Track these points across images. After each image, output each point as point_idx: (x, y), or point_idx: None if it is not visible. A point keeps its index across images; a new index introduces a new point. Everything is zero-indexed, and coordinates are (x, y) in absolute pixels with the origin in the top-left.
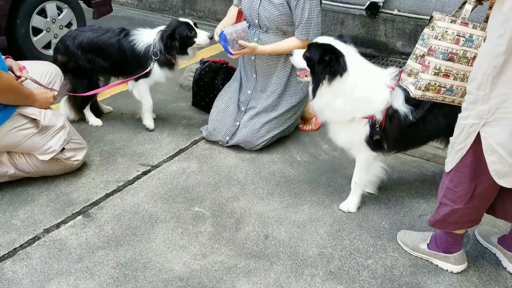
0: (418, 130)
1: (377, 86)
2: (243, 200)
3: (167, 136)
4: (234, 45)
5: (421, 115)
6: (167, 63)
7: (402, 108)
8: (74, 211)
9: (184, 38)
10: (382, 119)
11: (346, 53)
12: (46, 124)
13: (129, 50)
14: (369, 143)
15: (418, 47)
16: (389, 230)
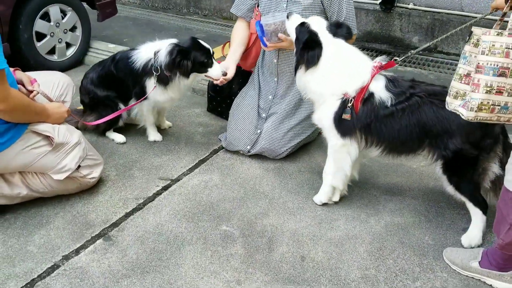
0: (393, 123)
1: (357, 70)
2: (273, 216)
3: (185, 146)
4: (271, 37)
5: (402, 106)
6: (163, 80)
7: (381, 93)
8: (93, 234)
9: (198, 64)
10: (356, 99)
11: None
12: (60, 141)
13: (127, 69)
14: (337, 124)
15: (460, 67)
16: (434, 246)
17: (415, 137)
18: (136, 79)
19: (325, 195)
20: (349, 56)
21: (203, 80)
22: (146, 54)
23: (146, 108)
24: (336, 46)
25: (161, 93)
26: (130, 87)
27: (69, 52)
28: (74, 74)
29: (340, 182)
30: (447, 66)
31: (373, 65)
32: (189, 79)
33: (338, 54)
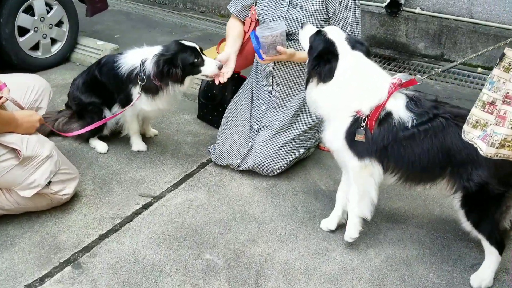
0: (414, 146)
1: (373, 85)
2: (262, 244)
3: (171, 157)
4: (268, 50)
5: (424, 128)
6: (151, 89)
7: (400, 113)
8: (62, 259)
9: (188, 67)
10: (370, 118)
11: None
12: (28, 154)
13: (111, 75)
14: (350, 144)
15: (485, 93)
16: (439, 285)
17: (437, 164)
18: (120, 85)
19: (355, 229)
20: (367, 70)
21: (195, 83)
22: (132, 61)
23: (130, 114)
24: (354, 59)
25: (148, 103)
26: (114, 93)
27: (54, 48)
28: (59, 72)
29: (367, 210)
30: (454, 76)
31: (392, 82)
32: (185, 84)
33: (355, 67)
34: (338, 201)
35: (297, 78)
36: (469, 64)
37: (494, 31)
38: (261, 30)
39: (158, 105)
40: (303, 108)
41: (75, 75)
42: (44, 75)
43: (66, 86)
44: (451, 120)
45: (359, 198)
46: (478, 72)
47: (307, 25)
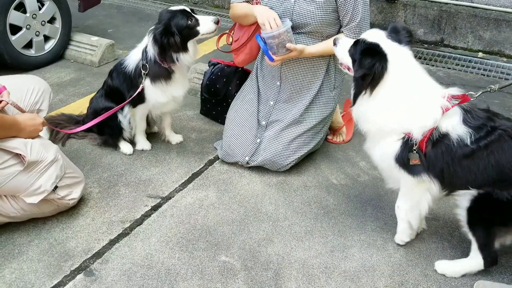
0: (472, 164)
1: (425, 102)
2: (278, 243)
3: (176, 155)
4: (278, 50)
5: (485, 143)
6: (162, 74)
7: (458, 130)
8: (72, 267)
9: (185, 30)
10: (422, 141)
11: (395, 58)
12: (33, 159)
13: (121, 77)
14: (403, 165)
15: None
16: (461, 279)
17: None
18: (130, 83)
19: (405, 234)
20: (419, 79)
21: (195, 78)
22: (136, 56)
23: (141, 112)
24: (405, 61)
25: (161, 92)
26: (126, 93)
27: (48, 46)
28: (54, 70)
29: (415, 220)
30: (455, 62)
31: (443, 99)
32: (190, 51)
33: (407, 73)
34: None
35: (306, 72)
36: (470, 49)
37: (495, 15)
38: (266, 32)
39: (172, 93)
40: (313, 102)
41: (70, 73)
42: (38, 73)
43: (62, 84)
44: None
45: (409, 209)
46: (479, 57)
47: (340, 40)
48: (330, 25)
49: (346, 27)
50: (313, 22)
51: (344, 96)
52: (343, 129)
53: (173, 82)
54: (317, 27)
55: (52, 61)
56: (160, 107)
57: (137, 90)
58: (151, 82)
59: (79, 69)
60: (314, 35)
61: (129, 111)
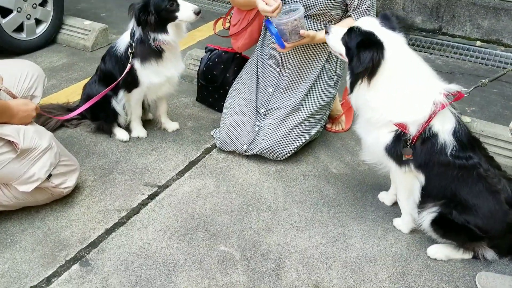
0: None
1: (423, 96)
2: (277, 233)
3: (173, 143)
4: (291, 37)
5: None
6: (151, 53)
7: (445, 137)
8: (68, 257)
9: (163, 12)
10: (415, 136)
11: (390, 45)
12: (26, 146)
13: (113, 60)
14: (390, 154)
15: None
16: (463, 270)
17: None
18: (122, 65)
19: (408, 225)
20: (416, 69)
21: (191, 64)
22: (127, 38)
23: (136, 97)
24: (401, 49)
25: (153, 73)
26: (118, 77)
27: (39, 29)
28: (46, 55)
29: (414, 210)
30: (453, 50)
31: (439, 95)
32: (170, 33)
33: (405, 62)
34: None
35: (308, 58)
36: (468, 37)
37: (494, 3)
38: (279, 17)
39: (165, 72)
40: (312, 89)
41: (62, 57)
42: (29, 58)
43: (54, 69)
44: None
45: (407, 196)
46: (477, 45)
47: (332, 29)
48: (336, 8)
49: (355, 10)
50: (318, 4)
51: (343, 84)
52: (342, 117)
53: (164, 62)
54: (323, 10)
55: (43, 45)
56: (155, 90)
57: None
58: (141, 63)
59: (72, 53)
60: (319, 18)
61: (124, 96)
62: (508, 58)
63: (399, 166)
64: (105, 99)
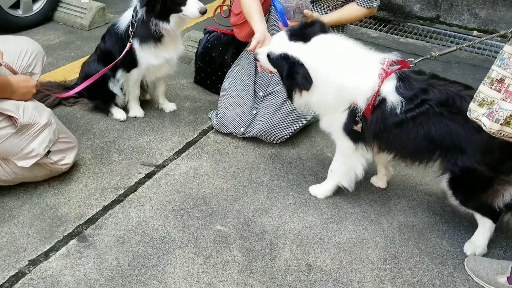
0: (402, 134)
1: (363, 72)
2: (273, 214)
3: (170, 124)
4: (294, 16)
5: (412, 115)
6: (150, 36)
7: (391, 97)
8: (65, 232)
9: (168, 2)
10: (367, 108)
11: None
12: (26, 122)
13: (113, 39)
14: (348, 132)
15: (494, 69)
16: (453, 253)
17: (424, 149)
18: (122, 44)
19: (327, 192)
20: (347, 57)
21: (189, 46)
22: (128, 16)
23: (135, 78)
24: (324, 50)
25: (153, 55)
26: (117, 55)
27: (36, 6)
28: (42, 32)
29: (347, 183)
30: (450, 39)
31: (382, 64)
32: (170, 23)
33: (333, 59)
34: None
35: None
36: (465, 27)
37: None
38: None
39: (164, 55)
40: None
41: (59, 36)
42: (26, 35)
43: (51, 47)
44: (436, 108)
45: (344, 172)
46: (473, 35)
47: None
48: None
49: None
50: None
51: None
52: None
53: (164, 44)
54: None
55: (40, 22)
56: (154, 71)
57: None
58: (140, 44)
59: (69, 32)
60: (324, 3)
61: (122, 75)
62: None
63: (353, 143)
64: (103, 79)
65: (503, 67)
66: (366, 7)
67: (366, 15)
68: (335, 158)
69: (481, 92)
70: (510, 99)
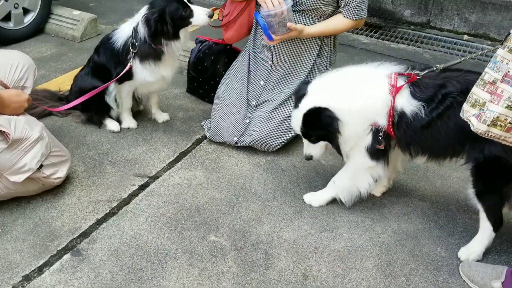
0: (433, 132)
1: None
2: (267, 223)
3: (163, 134)
4: (278, 29)
5: (438, 113)
6: (152, 54)
7: (410, 105)
8: (59, 247)
9: (178, 20)
10: (388, 126)
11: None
12: (17, 136)
13: (109, 53)
14: (370, 152)
15: (487, 72)
16: (448, 259)
17: (457, 142)
18: (118, 60)
19: (322, 202)
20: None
21: (181, 55)
22: (126, 32)
23: (127, 90)
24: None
25: (150, 72)
26: (112, 71)
27: (27, 19)
28: (34, 45)
29: (349, 198)
30: (441, 44)
31: (389, 79)
32: (181, 39)
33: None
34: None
35: (299, 52)
36: (455, 31)
37: None
38: (265, 10)
39: (161, 72)
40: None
41: (51, 47)
42: (18, 48)
43: (43, 59)
44: (460, 97)
45: (347, 187)
46: (464, 39)
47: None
48: (327, 4)
49: (345, 7)
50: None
51: None
52: None
53: (163, 63)
54: (314, 5)
55: (32, 35)
56: (148, 86)
57: (124, 67)
58: (139, 62)
59: (61, 44)
60: (311, 13)
61: (114, 87)
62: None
63: (372, 161)
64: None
65: (496, 69)
66: (353, 19)
67: (353, 27)
68: (343, 170)
69: (474, 94)
70: (497, 101)
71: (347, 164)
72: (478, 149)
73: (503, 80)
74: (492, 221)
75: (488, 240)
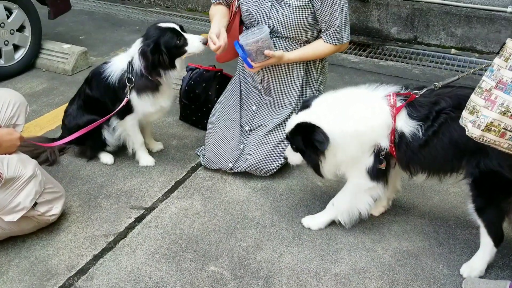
0: (431, 150)
1: (373, 115)
2: (266, 250)
3: (158, 164)
4: (257, 57)
5: (433, 130)
6: (149, 86)
7: (408, 126)
8: (56, 286)
9: (173, 49)
10: (390, 147)
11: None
12: (10, 176)
13: (102, 88)
14: (370, 172)
15: (485, 80)
16: (450, 277)
17: (453, 157)
18: (114, 95)
19: (321, 225)
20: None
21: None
22: (120, 66)
23: (131, 123)
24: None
25: (150, 103)
26: (109, 105)
27: (18, 55)
28: (25, 80)
29: (349, 220)
30: (429, 59)
31: (388, 101)
32: (177, 67)
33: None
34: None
35: (285, 76)
36: (443, 45)
37: (466, 12)
38: (245, 38)
39: (161, 103)
40: (296, 106)
41: (42, 82)
42: (9, 84)
43: (34, 95)
44: (453, 113)
45: (347, 209)
46: (452, 53)
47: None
48: (307, 30)
49: (325, 32)
50: (289, 27)
51: None
52: None
53: (161, 93)
54: (294, 32)
55: (23, 70)
56: (148, 117)
57: (121, 103)
58: (137, 95)
59: (52, 78)
60: (292, 39)
61: (118, 125)
62: (483, 64)
63: (372, 181)
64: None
65: (493, 78)
66: (333, 44)
67: (335, 51)
68: (342, 192)
69: (472, 101)
70: (491, 107)
71: (346, 186)
72: (474, 164)
73: (496, 87)
74: (492, 236)
75: (490, 256)
